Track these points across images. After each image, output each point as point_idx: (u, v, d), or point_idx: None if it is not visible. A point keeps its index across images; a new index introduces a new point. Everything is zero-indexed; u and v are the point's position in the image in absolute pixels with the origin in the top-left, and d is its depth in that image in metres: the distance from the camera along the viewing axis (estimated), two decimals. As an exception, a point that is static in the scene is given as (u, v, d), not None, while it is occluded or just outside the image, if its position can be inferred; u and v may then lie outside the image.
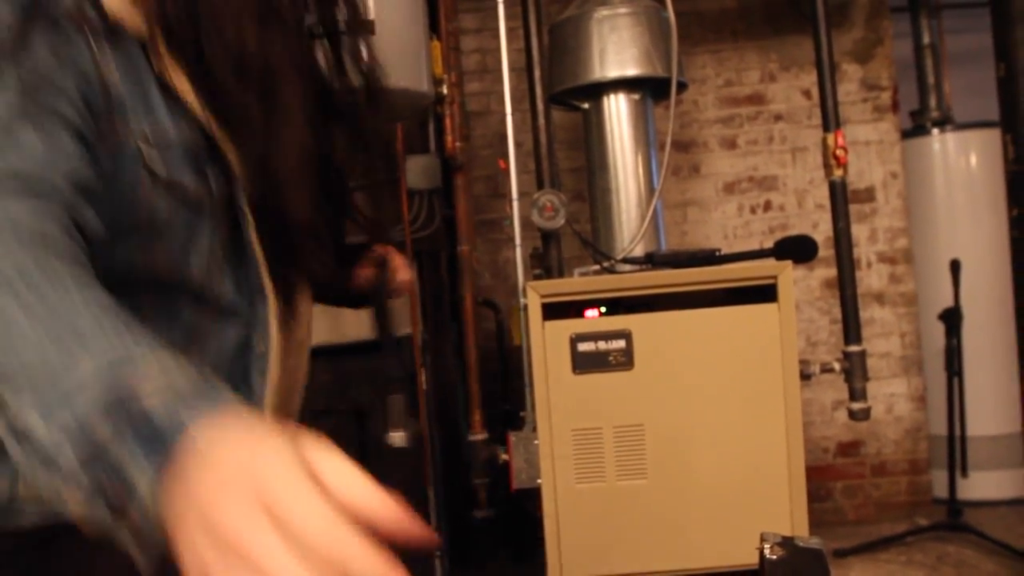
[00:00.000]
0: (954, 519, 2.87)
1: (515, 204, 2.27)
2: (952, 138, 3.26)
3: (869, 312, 3.21)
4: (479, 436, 2.51)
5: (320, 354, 2.95)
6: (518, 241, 2.24)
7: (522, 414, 2.21)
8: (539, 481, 2.00)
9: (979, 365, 3.10)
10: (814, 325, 3.20)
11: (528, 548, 2.65)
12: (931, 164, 3.26)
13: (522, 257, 2.30)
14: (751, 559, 1.22)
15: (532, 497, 2.12)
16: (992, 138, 3.19)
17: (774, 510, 2.00)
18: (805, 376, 2.03)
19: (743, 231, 3.21)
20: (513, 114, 2.51)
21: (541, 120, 2.20)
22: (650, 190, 2.34)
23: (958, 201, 3.23)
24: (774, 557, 1.27)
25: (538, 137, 2.21)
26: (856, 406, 2.15)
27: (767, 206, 3.22)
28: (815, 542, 1.33)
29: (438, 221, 2.94)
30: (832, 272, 2.68)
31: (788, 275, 1.95)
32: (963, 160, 3.26)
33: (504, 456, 2.20)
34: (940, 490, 3.12)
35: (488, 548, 3.04)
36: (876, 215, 3.24)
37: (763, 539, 1.30)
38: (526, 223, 2.29)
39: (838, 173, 2.16)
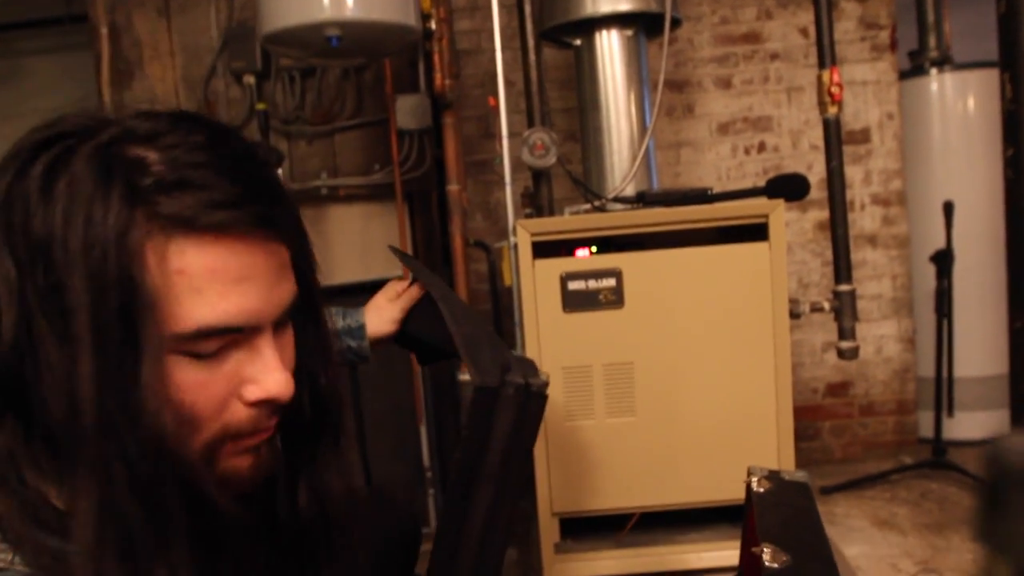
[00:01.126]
0: (938, 458, 2.91)
1: (505, 142, 2.24)
2: (950, 79, 3.21)
3: (861, 254, 3.21)
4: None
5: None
6: (508, 180, 2.22)
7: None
8: (529, 419, 2.01)
9: (969, 307, 3.11)
10: (806, 267, 3.20)
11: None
12: (928, 105, 3.22)
13: (512, 197, 2.29)
14: (739, 494, 1.24)
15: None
16: (991, 79, 3.15)
17: (762, 447, 2.03)
18: (794, 315, 2.04)
19: (737, 172, 3.18)
20: (504, 52, 2.46)
21: (532, 57, 2.16)
22: (642, 130, 2.31)
23: (954, 143, 3.20)
24: (760, 490, 1.28)
25: (528, 74, 2.17)
26: (845, 345, 2.16)
27: (761, 147, 3.19)
28: (800, 476, 1.35)
29: (429, 162, 2.91)
30: (825, 214, 2.67)
31: (779, 214, 1.94)
32: (960, 101, 3.22)
33: (495, 395, 2.22)
34: (926, 430, 3.17)
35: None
36: (871, 157, 3.21)
37: (750, 473, 1.32)
38: (517, 163, 2.26)
39: (832, 111, 2.14)
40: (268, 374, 0.60)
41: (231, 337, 0.59)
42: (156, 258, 0.54)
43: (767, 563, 0.97)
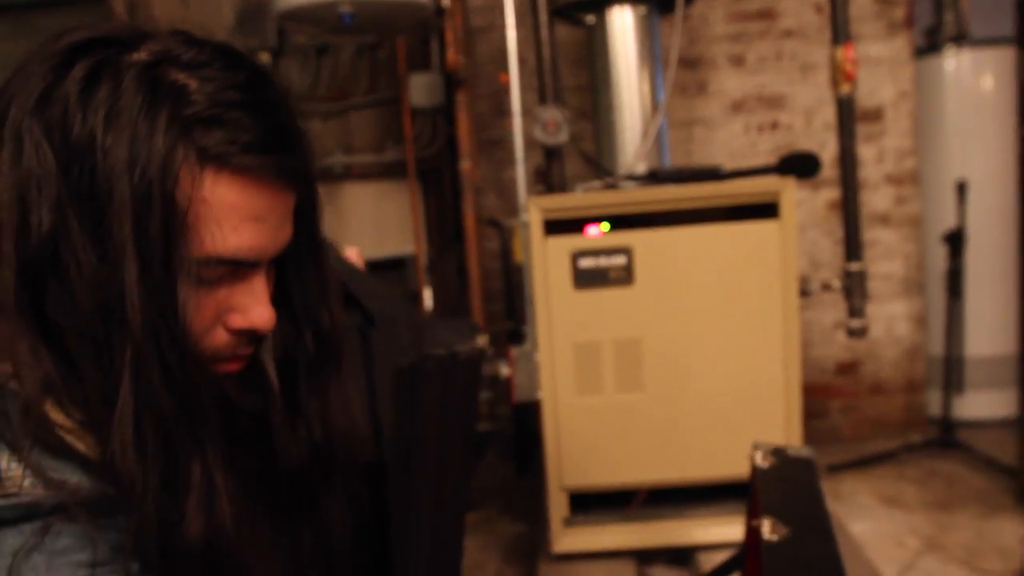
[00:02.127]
0: (947, 436, 2.93)
1: (517, 120, 2.25)
2: (966, 57, 3.18)
3: (874, 233, 3.20)
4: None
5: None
6: (519, 156, 2.23)
7: (523, 330, 2.25)
8: (539, 395, 2.04)
9: (980, 287, 3.10)
10: (818, 246, 3.20)
11: (530, 461, 2.73)
12: (943, 83, 3.20)
13: (525, 174, 2.30)
14: (746, 471, 1.25)
15: (534, 412, 2.17)
16: (1007, 57, 3.12)
17: (770, 424, 2.05)
18: (804, 293, 2.05)
19: (750, 151, 3.18)
20: (517, 29, 2.47)
21: (544, 33, 2.16)
22: (655, 107, 2.31)
23: (968, 122, 3.18)
24: (765, 465, 1.31)
25: (541, 51, 2.17)
26: (854, 324, 2.18)
27: (774, 125, 3.18)
28: (805, 452, 1.37)
29: (442, 140, 2.93)
30: (837, 193, 2.66)
31: (791, 192, 1.95)
32: (976, 80, 3.19)
33: (506, 371, 2.25)
34: (935, 409, 3.17)
35: (492, 462, 3.13)
36: (885, 135, 3.20)
37: (755, 448, 1.34)
38: (530, 141, 2.27)
39: (846, 88, 2.13)
40: (255, 307, 0.64)
41: (232, 268, 0.62)
42: (188, 184, 0.57)
43: (766, 536, 1.00)
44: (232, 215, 0.60)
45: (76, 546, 0.55)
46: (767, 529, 1.02)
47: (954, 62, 3.18)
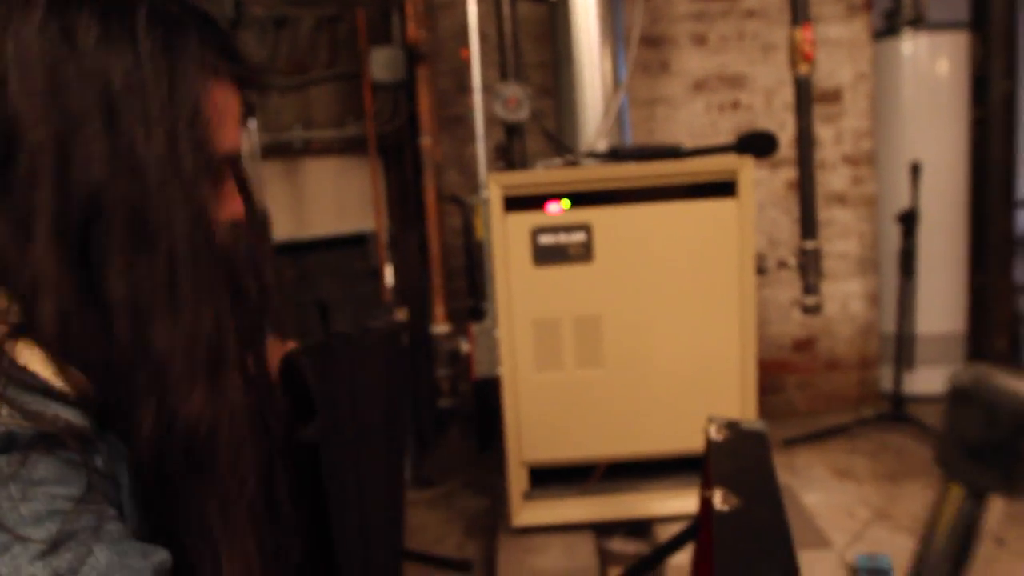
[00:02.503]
0: (898, 411, 3.01)
1: (477, 96, 2.24)
2: (923, 40, 3.23)
3: (831, 213, 3.26)
4: (442, 328, 2.55)
5: (284, 250, 2.96)
6: (480, 133, 2.23)
7: (484, 306, 2.25)
8: (499, 371, 2.05)
9: (932, 266, 3.18)
10: (777, 225, 3.24)
11: (491, 437, 2.75)
12: (900, 66, 3.25)
13: (486, 151, 2.30)
14: (701, 445, 1.28)
15: (495, 388, 2.18)
16: (961, 41, 3.18)
17: (726, 399, 2.09)
18: (761, 271, 2.08)
19: (711, 130, 3.20)
20: (479, 4, 2.45)
21: (506, 9, 2.15)
22: (616, 85, 2.32)
23: (924, 104, 3.24)
24: (719, 438, 1.34)
25: (502, 27, 2.17)
26: (809, 301, 2.22)
27: (735, 105, 3.21)
28: (758, 425, 1.41)
29: (403, 115, 2.90)
30: (796, 173, 2.70)
31: (748, 170, 1.97)
32: (931, 63, 3.24)
33: (466, 347, 2.26)
34: (887, 384, 3.26)
35: (455, 438, 3.14)
36: (843, 117, 3.24)
37: (710, 422, 1.37)
38: (492, 118, 2.27)
39: (804, 69, 2.16)
40: (235, 199, 0.73)
41: (226, 167, 0.70)
42: (204, 94, 0.65)
43: (717, 506, 1.02)
44: (228, 118, 0.68)
45: (53, 478, 0.55)
46: (718, 499, 1.05)
47: (911, 45, 3.23)
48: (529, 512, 2.13)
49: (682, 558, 1.40)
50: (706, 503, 1.09)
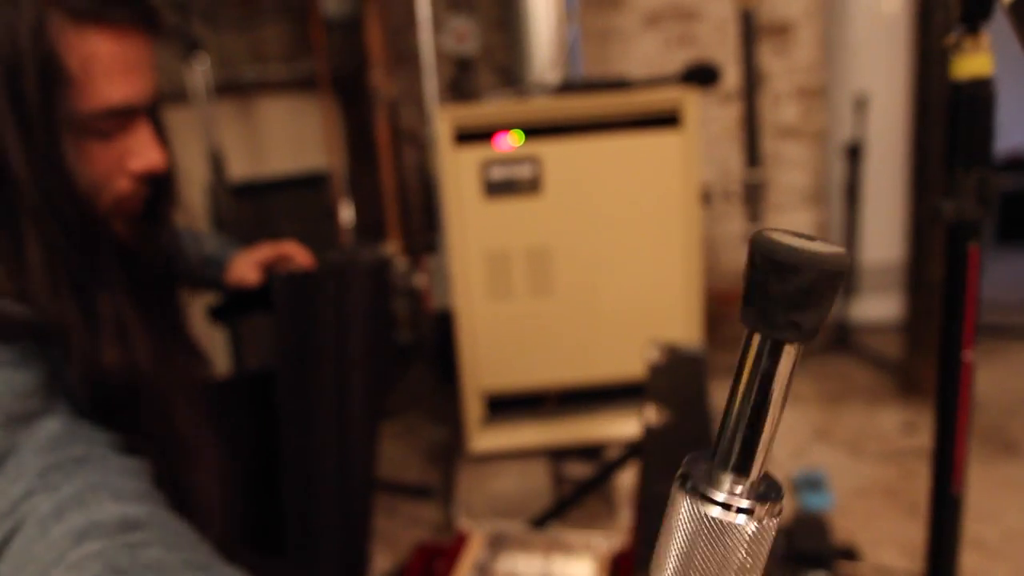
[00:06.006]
0: (841, 336, 3.13)
1: (427, 29, 2.24)
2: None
3: (781, 145, 3.32)
4: (399, 263, 2.59)
5: (241, 192, 2.94)
6: (429, 66, 2.23)
7: (438, 239, 2.29)
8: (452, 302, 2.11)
9: (878, 196, 3.27)
10: (730, 159, 3.30)
11: (452, 369, 2.82)
12: (851, -2, 3.28)
13: (438, 85, 2.31)
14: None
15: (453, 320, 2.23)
16: (912, -29, 3.21)
17: (672, 327, 2.17)
18: (707, 200, 2.14)
19: (666, 64, 3.22)
20: (428, -65, 2.42)
21: (453, -60, 2.13)
22: (568, 17, 2.32)
23: (872, 37, 3.28)
24: (658, 360, 1.42)
25: (451, -41, 2.15)
26: (753, 230, 2.29)
27: (689, 39, 3.22)
28: (695, 349, 1.49)
29: (359, 54, 2.88)
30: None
31: (693, 101, 2.01)
32: (883, -6, 3.28)
33: (422, 280, 2.30)
34: (833, 313, 3.38)
35: (417, 371, 3.21)
36: (793, 49, 3.28)
37: (651, 345, 1.45)
38: (444, 53, 2.27)
39: (751, 1, 2.18)
40: (149, 150, 0.71)
41: (121, 119, 0.67)
42: (71, 46, 0.61)
43: (649, 421, 1.10)
44: (113, 67, 0.64)
45: (6, 362, 0.58)
46: (651, 415, 1.13)
47: (861, -24, 3.25)
48: (486, 438, 2.21)
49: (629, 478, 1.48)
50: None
